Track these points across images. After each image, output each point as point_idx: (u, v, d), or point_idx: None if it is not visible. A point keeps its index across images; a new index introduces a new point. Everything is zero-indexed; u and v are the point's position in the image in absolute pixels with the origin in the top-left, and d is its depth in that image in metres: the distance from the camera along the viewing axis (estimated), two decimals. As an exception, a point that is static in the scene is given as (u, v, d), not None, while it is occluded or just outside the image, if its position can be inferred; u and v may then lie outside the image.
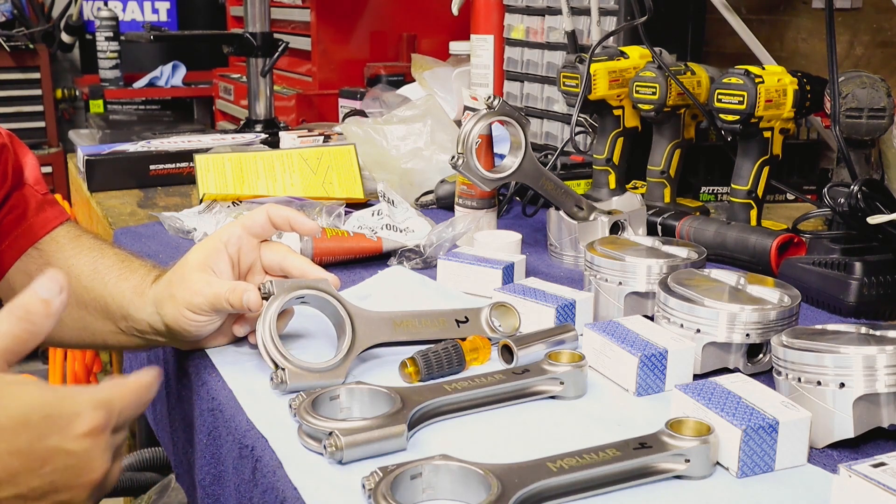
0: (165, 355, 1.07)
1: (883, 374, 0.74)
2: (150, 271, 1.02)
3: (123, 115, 3.83)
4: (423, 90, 2.05)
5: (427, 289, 1.14)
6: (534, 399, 0.84)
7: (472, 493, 0.67)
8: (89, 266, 1.05)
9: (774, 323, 0.88)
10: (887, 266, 1.09)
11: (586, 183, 1.57)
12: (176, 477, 1.06)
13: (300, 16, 2.65)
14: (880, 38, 1.77)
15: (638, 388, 0.86)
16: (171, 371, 1.04)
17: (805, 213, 1.20)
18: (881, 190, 1.09)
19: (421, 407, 0.78)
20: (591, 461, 0.69)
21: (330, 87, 2.51)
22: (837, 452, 0.77)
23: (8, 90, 3.91)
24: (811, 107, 1.32)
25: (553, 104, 1.77)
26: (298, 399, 0.79)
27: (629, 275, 1.02)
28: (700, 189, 1.66)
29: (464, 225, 1.27)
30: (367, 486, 0.66)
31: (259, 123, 2.19)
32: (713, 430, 0.72)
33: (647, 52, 1.44)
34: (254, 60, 2.16)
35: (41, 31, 4.02)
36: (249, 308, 0.89)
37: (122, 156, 1.81)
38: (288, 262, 0.98)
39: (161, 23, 4.25)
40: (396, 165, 1.63)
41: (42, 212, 1.09)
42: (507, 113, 1.16)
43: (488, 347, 0.93)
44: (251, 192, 1.53)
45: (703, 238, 1.27)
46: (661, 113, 1.40)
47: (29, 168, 1.11)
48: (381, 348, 0.91)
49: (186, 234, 1.40)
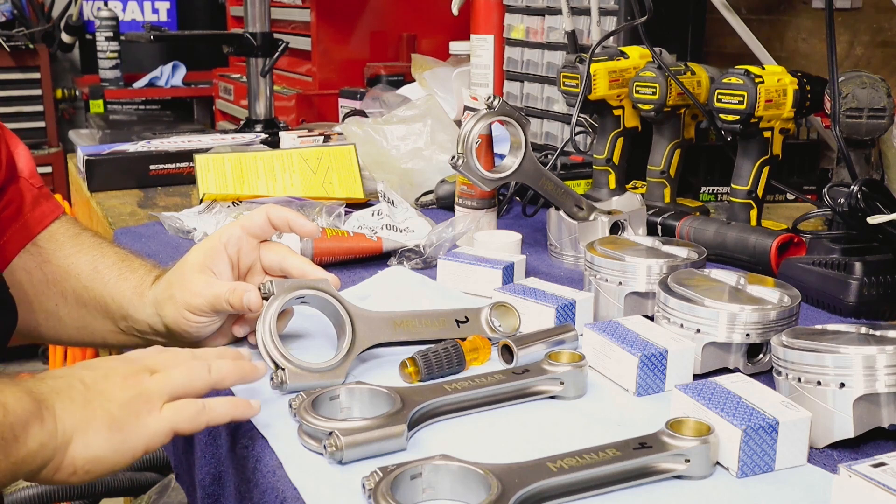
0: (165, 355, 1.07)
1: (883, 374, 0.74)
2: (150, 271, 1.02)
3: (123, 115, 3.83)
4: (423, 90, 2.05)
5: (427, 289, 1.14)
6: (534, 399, 0.84)
7: (472, 493, 0.67)
8: (89, 265, 1.05)
9: (774, 323, 0.88)
10: (887, 266, 1.09)
11: (586, 183, 1.57)
12: (176, 477, 1.06)
13: (300, 16, 2.65)
14: (880, 38, 1.77)
15: (638, 388, 0.86)
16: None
17: (805, 213, 1.20)
18: (881, 190, 1.09)
19: (421, 407, 0.78)
20: (591, 461, 0.69)
21: (330, 87, 2.51)
22: (837, 452, 0.77)
23: (8, 90, 3.91)
24: (811, 107, 1.32)
25: (553, 104, 1.77)
26: (298, 399, 0.79)
27: (629, 275, 1.02)
28: (700, 189, 1.66)
29: (464, 225, 1.27)
30: (367, 486, 0.66)
31: (259, 123, 2.19)
32: (713, 430, 0.72)
33: (647, 52, 1.44)
34: (254, 60, 2.16)
35: (41, 31, 4.02)
36: (250, 308, 0.89)
37: (122, 156, 1.81)
38: (288, 262, 0.98)
39: (161, 23, 4.25)
40: (396, 165, 1.63)
41: (38, 206, 1.09)
42: (507, 113, 1.16)
43: (488, 347, 0.93)
44: (251, 192, 1.53)
45: (703, 238, 1.27)
46: (661, 113, 1.40)
47: (22, 160, 1.10)
48: (381, 348, 0.91)
49: (186, 234, 1.40)
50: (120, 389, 0.73)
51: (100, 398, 0.72)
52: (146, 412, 0.73)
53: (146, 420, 0.73)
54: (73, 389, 0.72)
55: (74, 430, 0.70)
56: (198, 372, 0.77)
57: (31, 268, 1.06)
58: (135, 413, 0.73)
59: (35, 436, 0.68)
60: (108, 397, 0.73)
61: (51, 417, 0.70)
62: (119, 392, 0.73)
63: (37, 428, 0.68)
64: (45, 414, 0.69)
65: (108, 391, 0.73)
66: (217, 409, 0.76)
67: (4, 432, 0.66)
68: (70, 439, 0.70)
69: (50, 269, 1.07)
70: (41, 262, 1.07)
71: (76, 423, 0.71)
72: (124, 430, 0.72)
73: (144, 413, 0.73)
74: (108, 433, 0.72)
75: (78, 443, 0.71)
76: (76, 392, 0.72)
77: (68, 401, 0.71)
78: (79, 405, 0.71)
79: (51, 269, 1.07)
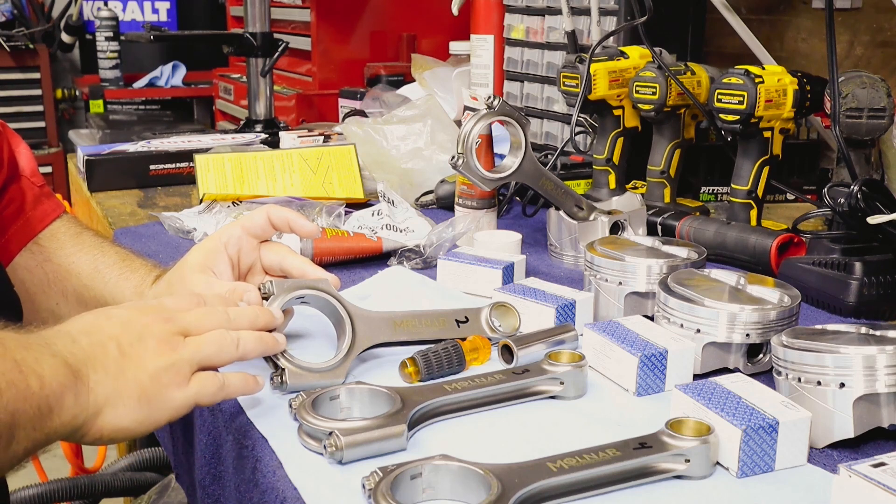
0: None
1: (883, 374, 0.74)
2: (150, 271, 1.02)
3: (123, 115, 3.83)
4: (423, 90, 2.05)
5: (427, 289, 1.14)
6: (534, 399, 0.84)
7: (472, 493, 0.67)
8: (90, 264, 1.05)
9: (774, 323, 0.88)
10: (887, 266, 1.09)
11: (586, 183, 1.57)
12: (176, 477, 1.06)
13: (300, 16, 2.65)
14: (880, 38, 1.77)
15: (638, 388, 0.86)
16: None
17: (805, 213, 1.20)
18: (881, 190, 1.09)
19: (421, 407, 0.78)
20: (591, 461, 0.69)
21: (330, 87, 2.51)
22: (837, 452, 0.77)
23: (8, 90, 3.91)
24: (811, 107, 1.32)
25: (553, 104, 1.77)
26: (298, 399, 0.79)
27: (629, 275, 1.02)
28: (700, 189, 1.66)
29: (464, 225, 1.27)
30: (367, 486, 0.66)
31: (259, 123, 2.19)
32: (713, 430, 0.72)
33: (647, 52, 1.44)
34: (254, 60, 2.16)
35: (41, 31, 4.03)
36: (250, 308, 0.89)
37: (122, 156, 1.81)
38: (288, 262, 0.98)
39: (161, 23, 4.25)
40: (396, 165, 1.63)
41: (39, 205, 1.09)
42: (507, 113, 1.16)
43: (488, 347, 0.93)
44: (251, 192, 1.53)
45: (703, 238, 1.27)
46: (661, 113, 1.40)
47: (24, 159, 1.11)
48: (381, 348, 0.91)
49: (186, 234, 1.40)
50: (153, 356, 0.75)
51: (133, 367, 0.74)
52: (175, 386, 0.75)
53: (174, 394, 0.75)
54: (108, 357, 0.74)
55: (106, 401, 0.73)
56: (227, 346, 0.79)
57: (33, 266, 1.06)
58: (165, 385, 0.75)
59: (69, 408, 0.70)
60: (140, 365, 0.75)
61: (84, 390, 0.72)
62: (152, 360, 0.75)
63: (71, 401, 0.71)
64: (80, 387, 0.71)
65: (142, 358, 0.75)
66: (233, 386, 0.79)
67: (41, 405, 0.68)
68: (101, 410, 0.73)
69: (51, 267, 1.07)
70: (42, 261, 1.07)
71: (108, 395, 0.73)
72: (152, 403, 0.74)
73: (173, 387, 0.75)
74: (137, 405, 0.74)
75: (108, 414, 0.73)
76: (110, 360, 0.74)
77: (102, 372, 0.73)
78: (112, 376, 0.73)
79: (52, 267, 1.07)
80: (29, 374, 0.68)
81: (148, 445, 2.12)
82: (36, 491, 1.89)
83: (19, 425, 0.66)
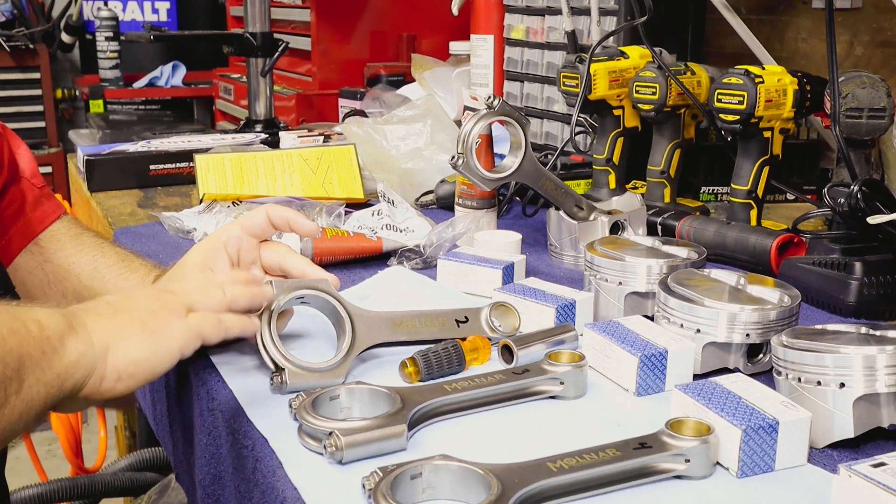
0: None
1: (883, 374, 0.74)
2: (150, 271, 1.02)
3: (123, 115, 3.83)
4: (423, 90, 2.05)
5: (427, 289, 1.14)
6: (534, 399, 0.84)
7: (472, 493, 0.67)
8: (90, 264, 1.05)
9: (774, 323, 0.88)
10: (887, 266, 1.09)
11: (586, 183, 1.57)
12: (176, 477, 1.06)
13: (300, 16, 2.65)
14: (880, 38, 1.77)
15: (638, 388, 0.86)
16: (171, 371, 1.03)
17: (805, 213, 1.20)
18: (881, 190, 1.09)
19: (421, 407, 0.78)
20: (591, 461, 0.69)
21: (330, 87, 2.51)
22: (837, 452, 0.77)
23: (8, 90, 3.91)
24: (811, 107, 1.32)
25: (553, 104, 1.77)
26: (298, 399, 0.79)
27: (629, 275, 1.02)
28: (700, 189, 1.66)
29: (464, 225, 1.27)
30: (367, 486, 0.66)
31: (259, 123, 2.19)
32: (713, 430, 0.72)
33: (647, 52, 1.44)
34: (254, 60, 2.16)
35: (41, 31, 4.02)
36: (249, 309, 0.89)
37: (122, 156, 1.81)
38: (287, 262, 0.98)
39: (161, 23, 4.24)
40: (396, 165, 1.63)
41: (39, 206, 1.09)
42: (507, 113, 1.16)
43: (488, 347, 0.93)
44: (251, 192, 1.53)
45: (703, 238, 1.27)
46: (661, 113, 1.40)
47: (24, 160, 1.11)
48: (381, 348, 0.91)
49: (186, 234, 1.40)
50: (144, 301, 0.79)
51: (126, 310, 0.77)
52: (175, 317, 0.78)
53: (176, 323, 0.78)
54: (100, 306, 0.78)
55: (109, 338, 0.75)
56: (213, 292, 0.82)
57: (33, 267, 1.07)
58: (164, 318, 0.77)
59: (73, 346, 0.72)
60: (134, 308, 0.78)
61: (83, 330, 0.74)
62: (144, 304, 0.78)
63: (72, 339, 0.73)
64: (78, 327, 0.74)
65: (133, 304, 0.78)
66: (231, 321, 0.82)
67: (44, 345, 0.70)
68: (107, 347, 0.74)
69: (51, 268, 1.07)
70: (42, 262, 1.07)
71: (109, 332, 0.75)
72: (157, 332, 0.77)
73: (174, 318, 0.78)
74: (143, 336, 0.76)
75: (116, 349, 0.75)
76: (103, 308, 0.77)
77: (96, 315, 0.76)
78: (107, 317, 0.76)
79: (52, 268, 1.07)
80: (27, 320, 0.70)
81: (148, 445, 2.12)
82: (36, 491, 1.90)
83: (26, 367, 0.68)
